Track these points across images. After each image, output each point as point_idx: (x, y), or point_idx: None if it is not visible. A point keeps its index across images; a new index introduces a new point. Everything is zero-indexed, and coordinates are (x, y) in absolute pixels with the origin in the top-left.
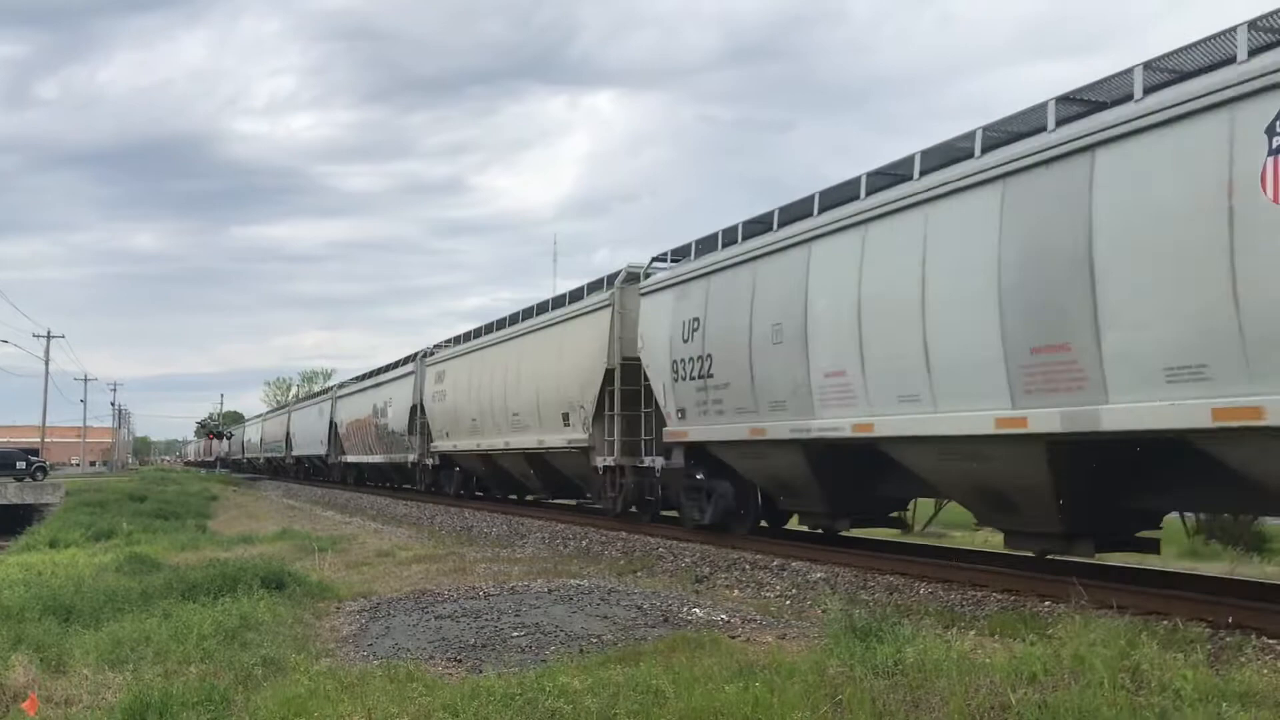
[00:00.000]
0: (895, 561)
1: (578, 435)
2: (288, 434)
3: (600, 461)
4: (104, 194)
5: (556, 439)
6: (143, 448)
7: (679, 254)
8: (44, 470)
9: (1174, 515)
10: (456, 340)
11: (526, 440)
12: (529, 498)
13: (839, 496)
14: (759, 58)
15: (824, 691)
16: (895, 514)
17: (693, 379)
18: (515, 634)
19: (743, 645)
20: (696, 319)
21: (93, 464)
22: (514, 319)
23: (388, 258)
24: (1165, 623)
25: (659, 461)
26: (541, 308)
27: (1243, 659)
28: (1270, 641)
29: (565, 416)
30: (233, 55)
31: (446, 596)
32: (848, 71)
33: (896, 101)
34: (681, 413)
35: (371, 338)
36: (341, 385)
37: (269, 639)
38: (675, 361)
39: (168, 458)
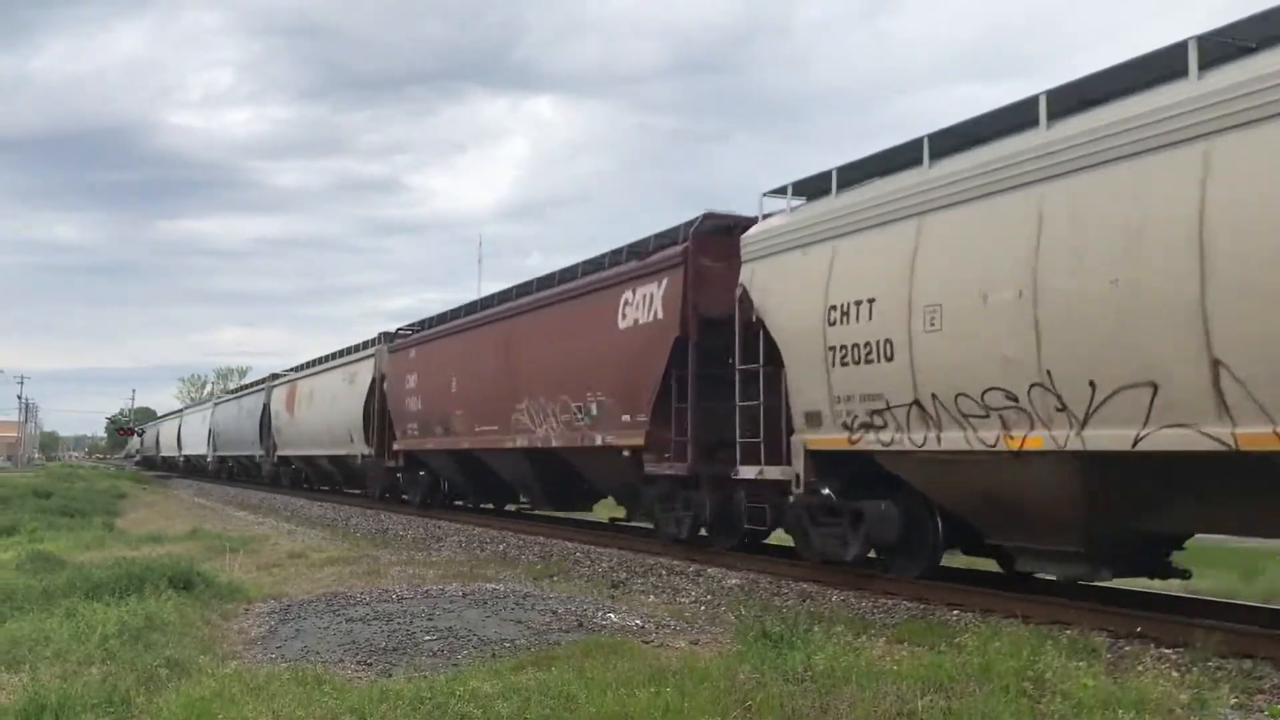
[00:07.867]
0: (809, 569)
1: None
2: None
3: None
4: (23, 182)
5: (345, 448)
6: (50, 443)
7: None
8: None
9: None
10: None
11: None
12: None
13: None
14: (701, 70)
15: (734, 697)
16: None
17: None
18: (428, 638)
19: (656, 650)
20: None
21: None
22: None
23: (315, 255)
24: (1068, 632)
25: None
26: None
27: (1140, 668)
28: (1166, 651)
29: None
30: (169, 47)
31: (359, 599)
32: (785, 85)
33: (831, 116)
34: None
35: (293, 335)
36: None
37: (175, 640)
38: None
39: (76, 453)
